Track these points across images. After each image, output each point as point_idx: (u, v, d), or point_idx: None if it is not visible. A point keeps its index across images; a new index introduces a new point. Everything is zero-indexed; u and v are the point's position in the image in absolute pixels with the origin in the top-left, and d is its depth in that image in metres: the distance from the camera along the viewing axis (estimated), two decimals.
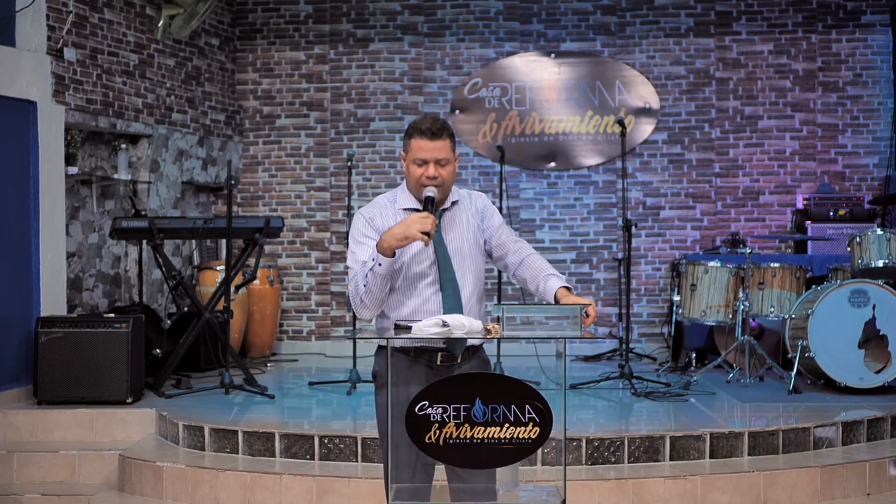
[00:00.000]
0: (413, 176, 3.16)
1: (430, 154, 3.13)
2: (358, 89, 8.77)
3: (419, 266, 3.16)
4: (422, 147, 3.12)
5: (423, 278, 3.16)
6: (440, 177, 3.14)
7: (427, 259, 3.16)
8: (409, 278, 3.16)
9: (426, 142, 3.12)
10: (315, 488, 4.69)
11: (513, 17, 8.70)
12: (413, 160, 3.15)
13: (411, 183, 3.19)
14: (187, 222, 6.81)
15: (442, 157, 3.13)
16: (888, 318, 6.08)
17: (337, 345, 8.58)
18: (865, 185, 8.47)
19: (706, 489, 4.62)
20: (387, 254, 3.03)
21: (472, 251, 3.25)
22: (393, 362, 3.15)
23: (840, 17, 8.52)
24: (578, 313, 2.84)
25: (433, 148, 3.12)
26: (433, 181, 3.13)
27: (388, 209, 3.23)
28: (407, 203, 3.23)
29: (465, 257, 3.22)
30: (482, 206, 3.32)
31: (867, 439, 5.30)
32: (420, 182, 3.14)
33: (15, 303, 6.12)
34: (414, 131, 3.15)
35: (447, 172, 3.16)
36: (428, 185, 3.13)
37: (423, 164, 3.13)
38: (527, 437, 2.77)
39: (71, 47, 6.70)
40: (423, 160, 3.13)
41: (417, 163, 3.14)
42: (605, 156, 8.59)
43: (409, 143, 3.16)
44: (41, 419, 5.76)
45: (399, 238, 3.01)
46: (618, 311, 8.41)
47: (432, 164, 3.13)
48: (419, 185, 3.15)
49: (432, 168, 3.13)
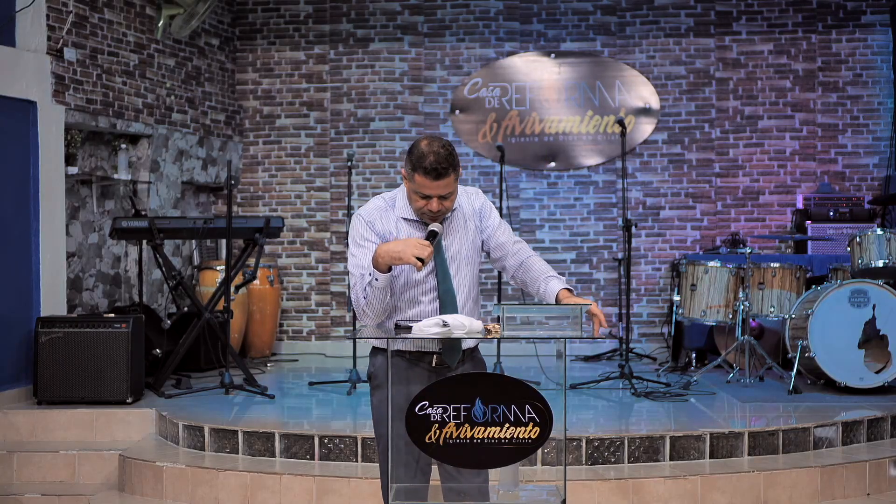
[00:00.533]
0: (415, 203, 3.13)
1: (434, 191, 3.08)
2: (358, 89, 8.77)
3: (418, 274, 3.14)
4: (426, 185, 3.06)
5: (421, 285, 3.16)
6: (443, 208, 3.12)
7: (426, 268, 3.15)
8: (408, 285, 3.16)
9: (430, 181, 3.06)
10: (315, 488, 4.69)
11: (513, 17, 8.70)
12: (415, 189, 3.10)
13: (412, 205, 3.16)
14: (187, 222, 6.81)
15: (445, 192, 3.09)
16: (888, 318, 6.08)
17: (337, 345, 8.59)
18: (865, 185, 8.47)
19: (706, 489, 4.62)
20: (382, 269, 3.02)
21: (470, 254, 3.23)
22: (381, 366, 3.16)
23: (840, 17, 8.52)
24: (579, 313, 2.84)
25: (437, 186, 3.06)
26: (435, 215, 3.11)
27: (388, 213, 3.20)
28: (405, 213, 3.20)
29: (461, 263, 3.21)
30: (480, 206, 3.29)
31: (867, 439, 5.30)
32: (422, 213, 3.13)
33: (15, 303, 6.12)
34: (418, 167, 3.05)
35: (450, 203, 3.13)
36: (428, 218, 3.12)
37: (426, 198, 3.10)
38: (527, 437, 2.77)
39: (71, 47, 6.70)
40: (425, 196, 3.09)
41: (420, 195, 3.10)
42: (605, 156, 8.59)
43: (413, 175, 3.08)
44: (41, 419, 5.76)
45: (395, 257, 2.98)
46: (618, 311, 8.41)
47: (435, 199, 3.09)
48: (419, 212, 3.14)
49: (435, 203, 3.09)
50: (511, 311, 2.86)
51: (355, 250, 3.17)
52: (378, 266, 3.01)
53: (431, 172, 3.04)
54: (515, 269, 3.28)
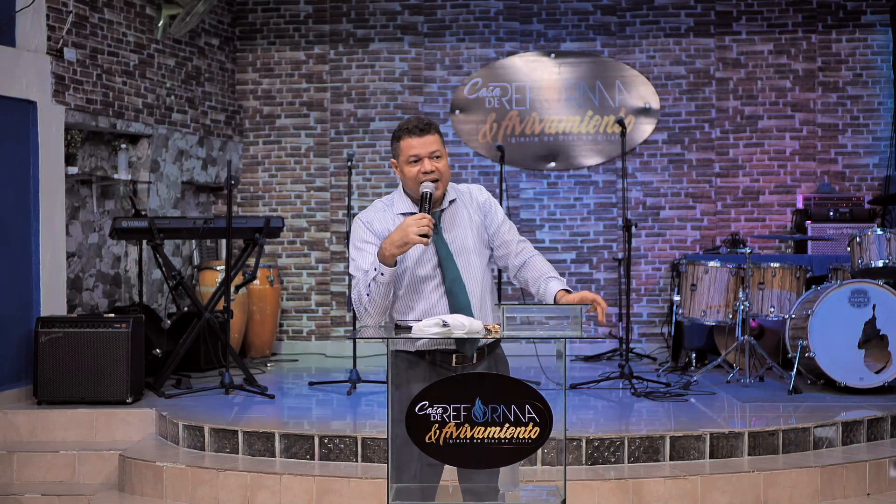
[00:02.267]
0: (409, 176, 3.15)
1: (422, 149, 3.13)
2: (358, 89, 8.77)
3: (423, 269, 3.14)
4: (412, 144, 3.13)
5: (429, 281, 3.15)
6: (437, 170, 3.13)
7: (430, 261, 3.14)
8: (414, 282, 3.14)
9: (415, 139, 3.13)
10: (315, 488, 4.69)
11: (513, 17, 8.70)
12: (406, 160, 3.14)
13: (409, 183, 3.17)
14: (187, 222, 6.81)
15: (434, 149, 3.14)
16: (888, 318, 6.08)
17: (337, 345, 8.59)
18: (865, 185, 8.47)
19: (706, 489, 4.62)
20: (388, 262, 3.01)
21: (477, 247, 3.22)
22: (405, 365, 3.14)
23: (840, 17, 8.52)
24: (579, 313, 2.84)
25: (423, 143, 3.13)
26: (430, 175, 3.12)
27: (386, 213, 3.21)
28: (404, 207, 3.21)
29: (469, 255, 3.19)
30: (484, 201, 3.30)
31: (867, 439, 5.29)
32: (418, 179, 3.13)
33: (15, 303, 6.12)
34: (401, 132, 3.16)
35: (442, 165, 3.15)
36: (425, 181, 3.11)
37: (418, 161, 3.13)
38: (527, 437, 2.77)
39: (71, 47, 6.70)
40: (416, 156, 3.13)
41: (411, 161, 3.13)
42: (605, 156, 8.59)
43: (399, 146, 3.16)
44: (41, 419, 5.76)
45: (398, 245, 2.98)
46: (618, 311, 8.41)
47: (426, 158, 3.13)
48: (417, 182, 3.13)
49: (427, 163, 3.13)
50: (511, 311, 2.86)
51: (354, 253, 3.17)
52: (385, 260, 3.01)
53: (415, 130, 3.13)
54: (518, 269, 3.28)
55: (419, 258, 3.13)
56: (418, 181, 3.13)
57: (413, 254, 3.11)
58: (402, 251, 3.00)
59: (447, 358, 3.14)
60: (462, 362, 3.15)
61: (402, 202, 3.23)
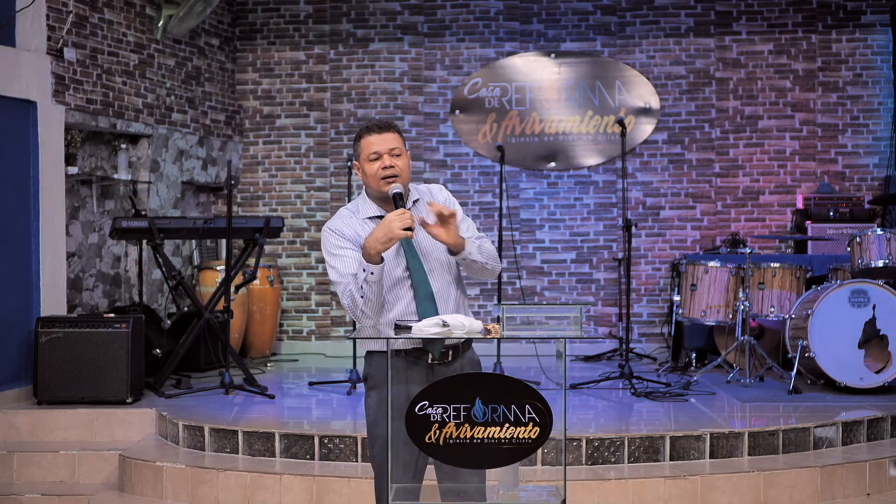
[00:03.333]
0: (370, 173, 3.18)
1: (382, 146, 3.17)
2: (358, 89, 8.77)
3: (396, 270, 3.17)
4: (371, 142, 3.18)
5: (402, 283, 3.18)
6: (396, 166, 3.16)
7: (401, 264, 3.17)
8: (389, 284, 3.16)
9: (375, 136, 3.18)
10: (315, 488, 4.70)
11: (513, 17, 8.70)
12: (367, 157, 3.18)
13: (370, 182, 3.20)
14: (187, 222, 6.81)
15: (394, 146, 3.18)
16: (888, 318, 6.08)
17: (337, 345, 8.58)
18: (865, 185, 8.47)
19: (706, 489, 4.62)
20: (375, 260, 3.03)
21: (441, 248, 3.21)
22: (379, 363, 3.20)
23: (840, 17, 8.52)
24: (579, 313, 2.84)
25: (383, 140, 3.17)
26: (390, 170, 3.15)
27: (353, 219, 3.23)
28: (369, 212, 3.23)
29: (433, 256, 3.21)
30: (444, 199, 3.31)
31: (867, 439, 5.30)
32: (378, 175, 3.16)
33: (15, 303, 6.12)
34: (361, 131, 3.22)
35: (402, 163, 3.19)
36: (386, 177, 3.15)
37: (378, 159, 3.17)
38: (527, 437, 2.77)
39: (71, 47, 6.69)
40: (376, 154, 3.17)
41: (371, 158, 3.17)
42: (605, 156, 8.59)
43: (360, 144, 3.21)
44: (41, 419, 5.76)
45: (383, 241, 3.00)
46: (618, 311, 8.41)
47: (386, 155, 3.17)
48: (378, 179, 3.17)
49: (387, 158, 3.16)
50: (511, 311, 2.86)
51: (333, 261, 3.18)
52: (370, 259, 3.02)
53: (374, 128, 3.19)
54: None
55: (391, 260, 3.15)
56: (378, 177, 3.17)
57: (386, 256, 3.10)
58: (387, 247, 3.03)
59: (423, 356, 3.19)
60: (439, 360, 3.18)
61: (366, 207, 3.26)
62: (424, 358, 3.19)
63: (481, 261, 3.18)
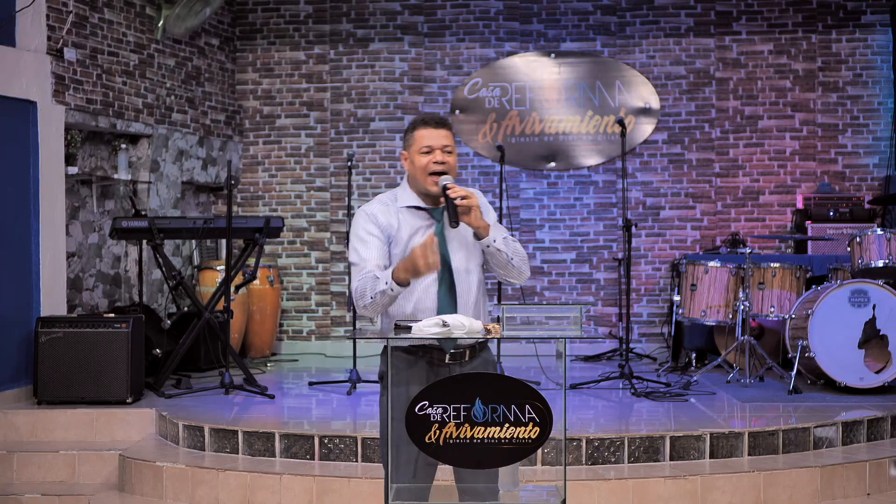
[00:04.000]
0: (419, 165, 3.20)
1: (436, 141, 3.21)
2: (358, 89, 8.77)
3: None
4: (426, 135, 3.21)
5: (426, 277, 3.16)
6: (447, 163, 3.20)
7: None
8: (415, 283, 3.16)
9: (431, 130, 3.21)
10: (315, 488, 4.69)
11: (513, 17, 8.70)
12: (419, 150, 3.21)
13: (418, 174, 3.22)
14: (187, 222, 6.81)
15: (447, 143, 3.22)
16: (888, 318, 6.08)
17: (337, 345, 8.59)
18: (865, 185, 8.47)
19: (706, 489, 4.62)
20: (402, 284, 3.06)
21: (473, 249, 3.26)
22: (395, 362, 3.16)
23: (840, 17, 8.52)
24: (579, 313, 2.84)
25: (438, 135, 3.21)
26: (441, 166, 3.19)
27: (390, 207, 3.25)
28: (408, 201, 3.25)
29: (466, 255, 3.24)
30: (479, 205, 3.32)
31: (867, 439, 5.29)
32: (428, 169, 3.19)
33: (15, 303, 6.12)
34: (417, 123, 3.25)
35: (452, 161, 3.23)
36: (436, 171, 3.18)
37: (430, 152, 3.20)
38: (527, 437, 2.77)
39: (71, 47, 6.70)
40: (429, 147, 3.20)
41: (423, 151, 3.20)
42: (605, 156, 8.59)
43: (413, 136, 3.24)
44: (41, 419, 5.76)
45: (411, 272, 3.03)
46: (618, 311, 8.41)
47: (438, 150, 3.20)
48: (426, 172, 3.19)
49: (439, 154, 3.20)
50: (511, 311, 2.86)
51: (358, 244, 3.20)
52: (399, 281, 3.06)
53: (430, 122, 3.23)
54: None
55: None
56: (427, 171, 3.19)
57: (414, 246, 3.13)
58: (416, 278, 3.06)
59: (441, 355, 3.19)
60: (454, 360, 3.20)
61: (406, 196, 3.27)
62: (441, 357, 3.20)
63: (506, 252, 3.20)
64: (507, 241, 3.22)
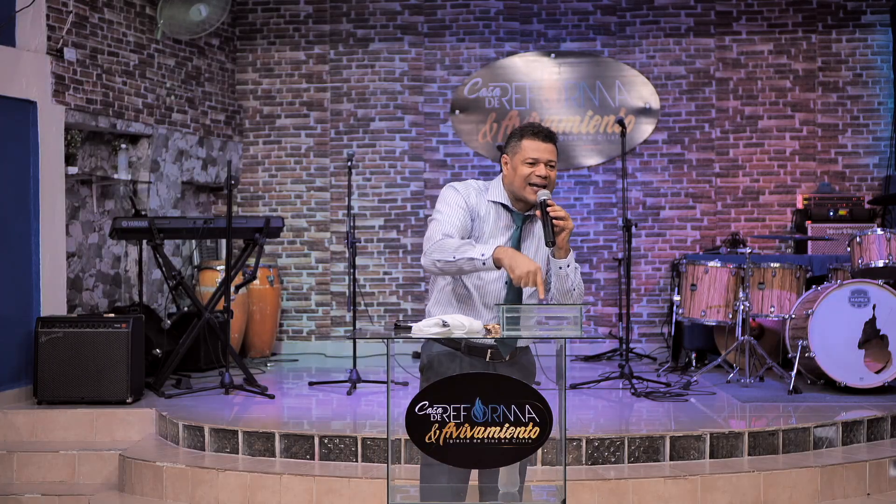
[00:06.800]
0: (521, 174, 3.25)
1: (543, 154, 3.25)
2: (358, 89, 8.77)
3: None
4: (536, 147, 3.25)
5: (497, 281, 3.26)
6: (549, 178, 3.26)
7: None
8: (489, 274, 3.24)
9: (540, 143, 3.26)
10: (315, 488, 4.69)
11: (513, 17, 8.70)
12: (524, 159, 3.25)
13: (516, 181, 3.26)
14: (187, 222, 6.81)
15: (552, 158, 3.27)
16: (888, 318, 6.08)
17: (337, 345, 8.59)
18: (865, 185, 8.47)
19: (706, 489, 4.62)
20: (496, 265, 3.08)
21: (543, 261, 3.32)
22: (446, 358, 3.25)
23: (840, 17, 8.52)
24: (579, 313, 2.84)
25: (545, 149, 3.26)
26: (543, 180, 3.24)
27: (481, 195, 3.32)
28: (497, 197, 3.32)
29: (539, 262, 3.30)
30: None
31: (867, 439, 5.29)
32: (529, 180, 3.24)
33: (15, 303, 6.12)
34: (527, 132, 3.28)
35: (553, 175, 3.28)
36: (537, 183, 3.23)
37: (534, 164, 3.24)
38: (527, 437, 2.77)
39: (71, 47, 6.70)
40: (534, 160, 3.25)
41: (529, 162, 3.25)
42: (605, 156, 8.59)
43: (520, 144, 3.27)
44: (41, 419, 5.76)
45: (512, 264, 3.03)
46: (618, 311, 8.41)
47: (543, 165, 3.25)
48: (526, 183, 3.24)
49: (543, 168, 3.25)
50: (511, 311, 2.86)
51: (444, 208, 3.25)
52: (496, 262, 3.08)
53: (540, 134, 3.26)
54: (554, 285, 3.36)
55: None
56: (527, 181, 3.24)
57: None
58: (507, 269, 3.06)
59: (482, 352, 3.27)
60: (494, 358, 3.27)
61: (497, 192, 3.33)
62: (484, 354, 3.27)
63: (573, 279, 3.25)
64: (577, 271, 3.27)
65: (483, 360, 3.27)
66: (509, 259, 3.04)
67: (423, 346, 3.34)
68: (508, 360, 3.30)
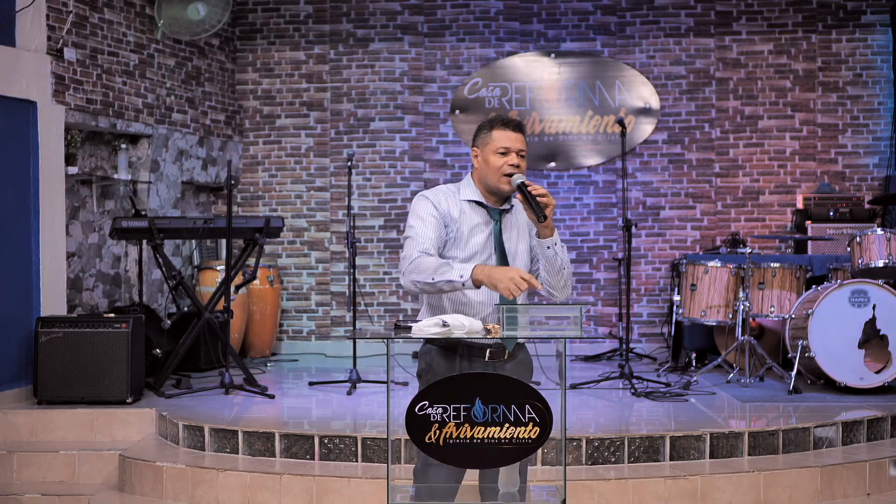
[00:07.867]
0: (493, 165, 3.26)
1: (514, 144, 3.27)
2: (358, 89, 8.77)
3: (481, 259, 3.25)
4: (507, 137, 3.27)
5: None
6: (521, 167, 3.27)
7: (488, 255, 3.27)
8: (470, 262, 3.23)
9: (510, 132, 3.28)
10: (315, 488, 4.69)
11: (513, 17, 8.70)
12: (495, 149, 3.27)
13: (490, 173, 3.27)
14: (187, 222, 6.81)
15: (523, 147, 3.29)
16: (888, 318, 6.08)
17: (337, 345, 8.58)
18: (865, 185, 8.47)
19: (706, 489, 4.62)
20: (476, 285, 3.08)
21: (524, 255, 3.34)
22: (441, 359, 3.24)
23: (840, 17, 8.52)
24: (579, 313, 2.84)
25: (515, 139, 3.28)
26: (516, 169, 3.25)
27: (451, 198, 3.31)
28: (470, 196, 3.32)
29: (520, 258, 3.32)
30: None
31: (867, 439, 5.29)
32: (502, 170, 3.24)
33: (15, 303, 6.12)
34: (495, 123, 3.30)
35: (524, 165, 3.30)
36: (510, 172, 3.24)
37: (506, 154, 3.26)
38: (527, 437, 2.77)
39: (71, 47, 6.70)
40: (506, 149, 3.26)
41: (500, 151, 3.26)
42: (605, 156, 8.59)
43: (490, 135, 3.29)
44: (41, 419, 5.76)
45: (492, 283, 3.04)
46: (618, 311, 8.41)
47: (514, 153, 3.26)
48: (500, 173, 3.25)
49: (514, 157, 3.26)
50: (511, 311, 2.86)
51: (416, 223, 3.25)
52: (475, 281, 3.08)
53: (510, 124, 3.29)
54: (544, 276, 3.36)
55: (480, 251, 3.25)
56: (501, 172, 3.25)
57: (473, 245, 3.23)
58: (490, 288, 3.07)
59: (481, 352, 3.26)
60: (493, 358, 3.27)
61: (469, 190, 3.33)
62: (483, 354, 3.26)
63: (561, 258, 3.26)
64: (563, 248, 3.29)
65: (482, 360, 3.27)
66: (487, 278, 3.04)
67: (421, 346, 3.34)
68: (506, 358, 3.31)
